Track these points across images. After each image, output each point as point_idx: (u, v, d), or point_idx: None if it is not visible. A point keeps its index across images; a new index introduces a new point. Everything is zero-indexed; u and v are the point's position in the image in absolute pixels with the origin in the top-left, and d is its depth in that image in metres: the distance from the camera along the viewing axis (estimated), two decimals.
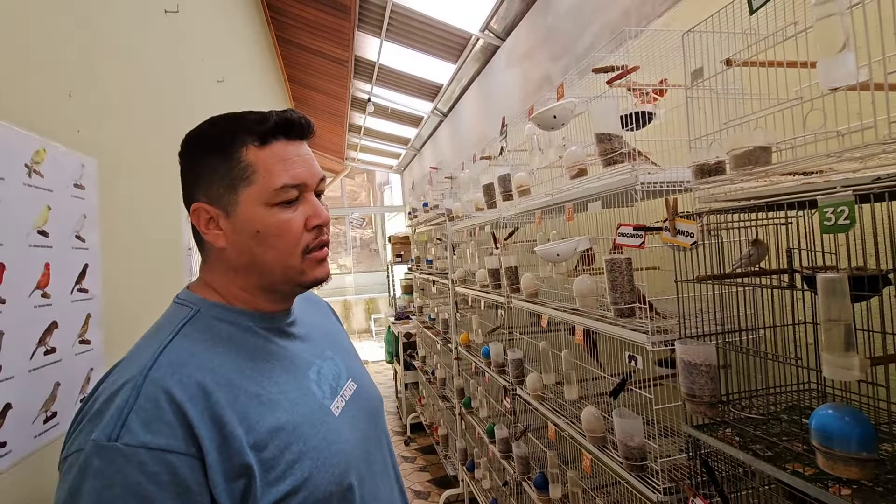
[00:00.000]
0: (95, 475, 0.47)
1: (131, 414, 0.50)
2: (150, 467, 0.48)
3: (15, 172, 0.72)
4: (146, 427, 0.49)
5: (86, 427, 0.50)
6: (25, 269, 0.73)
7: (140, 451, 0.48)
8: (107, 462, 0.47)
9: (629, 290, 1.15)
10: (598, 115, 1.17)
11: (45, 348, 0.77)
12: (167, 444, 0.49)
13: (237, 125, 0.61)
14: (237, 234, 0.61)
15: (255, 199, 0.60)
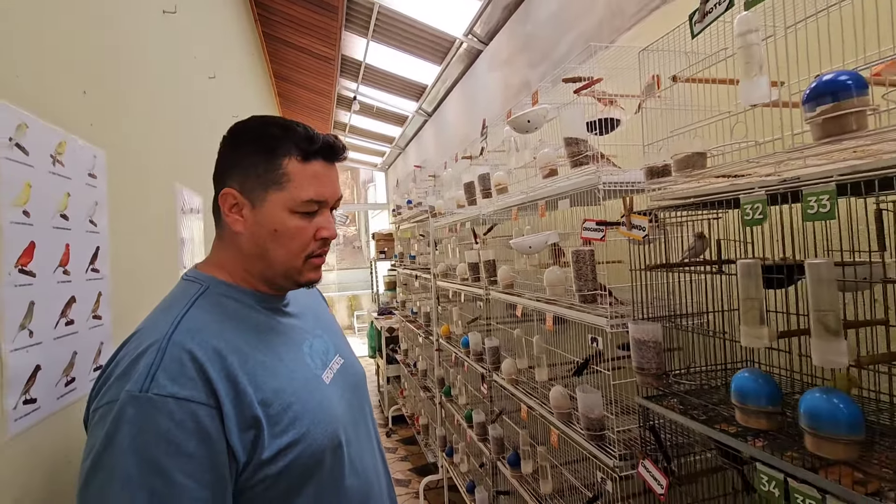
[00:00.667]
0: (130, 421, 0.54)
1: (159, 370, 0.57)
2: (177, 415, 0.55)
3: (43, 161, 0.80)
4: (173, 381, 0.57)
5: (115, 383, 0.58)
6: (51, 248, 0.82)
7: (168, 401, 0.56)
8: (139, 410, 0.55)
9: (592, 279, 1.28)
10: (566, 120, 1.30)
11: (66, 320, 0.85)
12: (191, 395, 0.57)
13: (287, 135, 0.69)
14: (257, 226, 0.70)
15: (281, 203, 0.69)
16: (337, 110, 6.07)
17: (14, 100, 0.74)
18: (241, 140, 0.71)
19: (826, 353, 0.68)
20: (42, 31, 0.84)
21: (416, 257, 3.68)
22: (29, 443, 0.74)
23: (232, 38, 2.97)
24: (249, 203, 0.70)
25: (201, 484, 0.56)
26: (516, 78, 2.95)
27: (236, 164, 0.70)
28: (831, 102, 0.65)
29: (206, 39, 2.22)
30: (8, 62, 0.73)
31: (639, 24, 1.81)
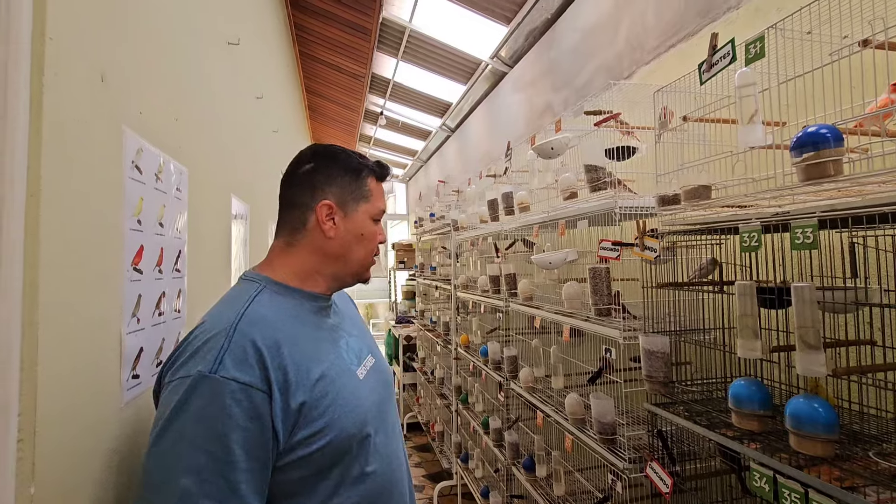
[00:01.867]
0: (199, 395, 0.65)
1: (226, 355, 0.67)
2: (237, 395, 0.66)
3: (150, 179, 0.97)
4: (236, 366, 0.67)
5: (188, 362, 0.68)
6: (152, 251, 0.98)
7: (231, 383, 0.66)
8: (208, 387, 0.65)
9: (607, 295, 1.40)
10: (587, 149, 1.43)
11: (158, 311, 1.02)
12: (250, 381, 0.67)
13: (364, 161, 0.89)
14: (346, 231, 0.85)
15: (366, 212, 0.87)
16: (363, 124, 6.31)
17: (136, 129, 0.91)
18: (330, 166, 0.87)
19: (807, 364, 0.80)
20: (152, 70, 1.01)
21: (436, 268, 3.82)
22: (133, 410, 0.89)
23: (276, 59, 3.20)
24: (343, 213, 0.86)
25: (249, 456, 0.66)
26: (540, 100, 3.10)
27: (331, 181, 0.86)
28: (813, 151, 0.78)
29: (257, 64, 2.43)
30: (134, 99, 0.91)
31: (657, 59, 1.94)
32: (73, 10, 0.70)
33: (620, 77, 2.17)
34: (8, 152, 0.58)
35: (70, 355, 0.69)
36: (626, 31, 2.15)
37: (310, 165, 0.87)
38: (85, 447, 0.73)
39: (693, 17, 1.73)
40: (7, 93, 0.58)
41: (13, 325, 0.58)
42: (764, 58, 0.93)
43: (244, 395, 0.67)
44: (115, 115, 0.83)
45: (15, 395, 0.59)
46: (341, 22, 3.87)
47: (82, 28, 0.73)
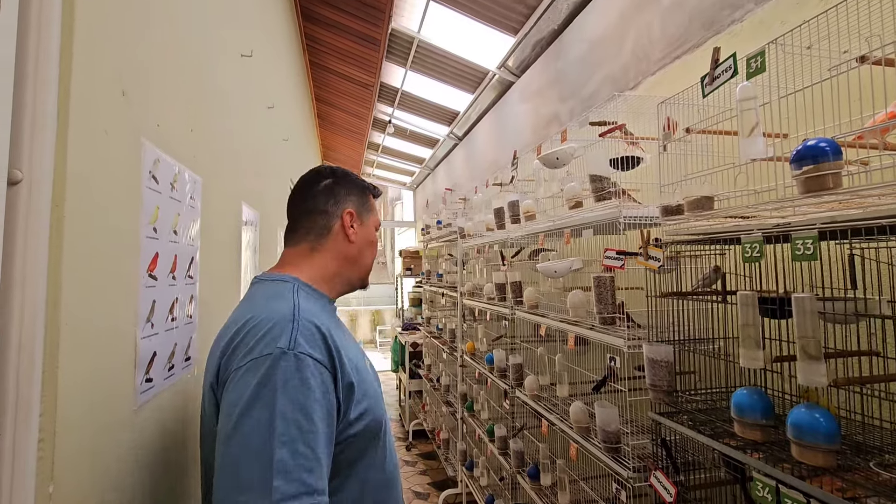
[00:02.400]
0: (283, 369, 0.69)
1: (298, 335, 0.73)
2: (312, 370, 0.71)
3: (166, 188, 1.01)
4: (309, 344, 0.73)
5: (258, 345, 0.71)
6: (167, 258, 1.01)
7: (308, 358, 0.71)
8: (289, 362, 0.70)
9: (612, 303, 1.42)
10: (592, 160, 1.45)
11: (171, 317, 1.05)
12: (321, 359, 0.73)
13: (366, 182, 1.02)
14: (362, 237, 0.97)
15: (372, 223, 1.00)
16: (372, 132, 6.38)
17: (154, 141, 0.94)
18: (347, 182, 0.99)
19: (808, 374, 0.81)
20: (169, 84, 1.05)
21: (443, 275, 3.84)
22: (146, 412, 0.92)
23: (287, 69, 3.26)
24: (360, 221, 0.97)
25: (326, 425, 0.71)
26: (546, 110, 3.13)
27: (348, 197, 0.97)
28: (812, 164, 0.79)
29: (269, 74, 2.48)
30: (152, 112, 0.94)
31: (662, 70, 1.96)
32: (97, 29, 0.74)
33: (626, 87, 2.20)
34: (36, 165, 0.62)
35: (88, 358, 0.72)
36: (631, 42, 2.17)
37: (329, 180, 0.97)
38: (101, 448, 0.76)
39: (697, 29, 1.75)
40: (36, 110, 0.62)
41: (37, 328, 0.61)
42: (764, 72, 0.95)
43: (318, 370, 0.72)
44: (134, 127, 0.86)
45: (37, 397, 0.61)
46: (351, 33, 3.94)
47: (106, 46, 0.76)
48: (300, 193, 0.96)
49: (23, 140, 0.61)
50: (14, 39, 0.60)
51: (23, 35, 0.61)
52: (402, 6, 3.43)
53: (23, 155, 0.61)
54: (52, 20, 0.63)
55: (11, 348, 0.59)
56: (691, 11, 1.78)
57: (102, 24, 0.75)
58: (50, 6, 0.63)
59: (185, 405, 1.14)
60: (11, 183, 0.60)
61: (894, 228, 0.75)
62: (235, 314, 0.83)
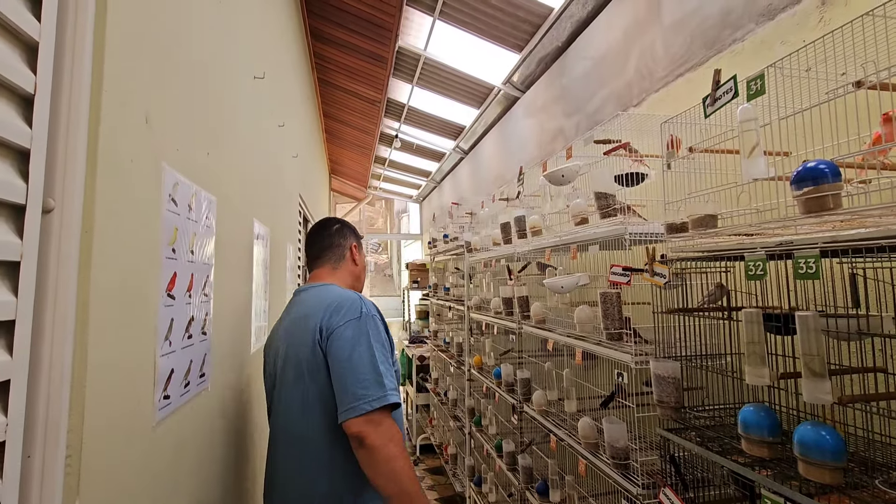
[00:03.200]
0: (369, 322, 1.22)
1: (369, 305, 1.28)
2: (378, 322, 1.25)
3: (184, 210, 1.04)
4: (372, 311, 1.27)
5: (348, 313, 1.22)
6: (184, 277, 1.04)
7: (375, 317, 1.26)
8: (368, 319, 1.23)
9: (618, 319, 1.43)
10: (596, 177, 1.48)
11: (187, 335, 1.07)
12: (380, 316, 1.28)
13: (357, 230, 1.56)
14: (361, 263, 1.52)
15: (363, 254, 1.51)
16: (378, 146, 6.46)
17: (173, 165, 0.98)
18: (348, 227, 1.54)
19: (813, 392, 0.82)
20: (188, 109, 1.10)
21: (450, 289, 3.86)
22: (164, 429, 0.94)
23: (297, 88, 3.34)
24: (359, 252, 1.51)
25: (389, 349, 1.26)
26: (551, 125, 3.17)
27: (351, 236, 1.52)
28: (812, 185, 0.81)
29: (280, 94, 2.55)
30: (171, 137, 0.98)
31: (665, 87, 2.00)
32: (127, 60, 0.78)
33: (630, 104, 2.23)
34: (68, 194, 0.65)
35: (112, 376, 0.75)
36: (635, 60, 2.21)
37: (339, 225, 1.53)
38: (121, 463, 0.78)
39: (699, 48, 1.78)
40: (68, 142, 0.66)
41: (66, 347, 0.64)
42: (764, 94, 0.98)
43: (380, 322, 1.27)
44: (156, 153, 0.90)
45: (65, 414, 0.64)
46: (359, 51, 4.02)
47: (134, 76, 0.81)
48: (318, 234, 1.49)
49: (56, 170, 0.65)
50: (50, 81, 0.64)
51: (58, 71, 0.65)
52: (409, 25, 3.51)
53: (55, 185, 0.64)
54: (85, 61, 0.68)
55: (43, 367, 0.62)
56: (693, 31, 1.82)
57: (132, 54, 0.80)
58: (83, 49, 0.67)
59: (200, 420, 1.17)
60: (45, 211, 0.63)
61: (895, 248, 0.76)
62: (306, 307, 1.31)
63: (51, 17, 0.64)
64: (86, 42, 0.68)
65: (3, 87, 0.57)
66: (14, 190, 0.58)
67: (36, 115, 0.61)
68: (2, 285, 0.57)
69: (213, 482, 1.26)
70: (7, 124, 0.56)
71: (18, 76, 0.58)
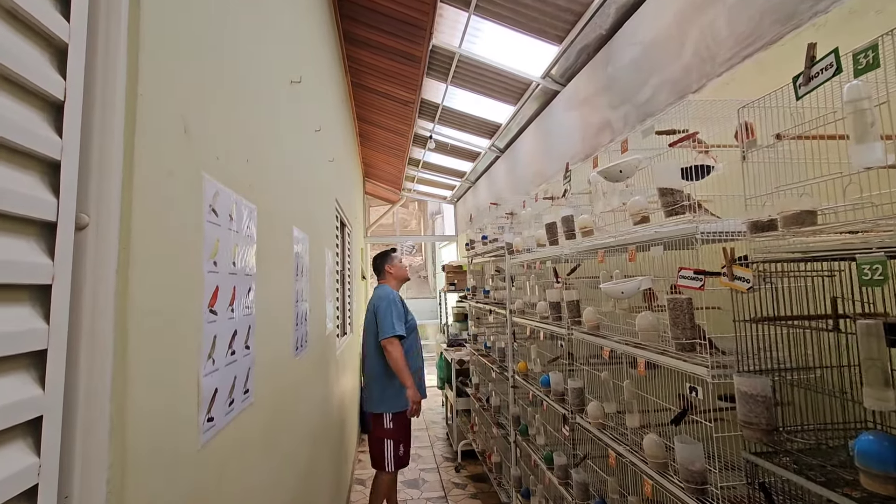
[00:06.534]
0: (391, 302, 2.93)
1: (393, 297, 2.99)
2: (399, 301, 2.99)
3: (225, 220, 0.99)
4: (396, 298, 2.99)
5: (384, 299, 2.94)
6: (227, 291, 0.99)
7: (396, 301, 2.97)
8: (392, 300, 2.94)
9: (690, 328, 1.29)
10: (660, 172, 1.34)
11: (231, 350, 1.02)
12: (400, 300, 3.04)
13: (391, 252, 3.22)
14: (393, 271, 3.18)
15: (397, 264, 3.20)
16: (412, 147, 6.42)
17: (213, 174, 0.93)
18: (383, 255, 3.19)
19: None
20: (227, 117, 1.05)
21: (490, 292, 3.75)
22: (208, 451, 0.89)
23: (332, 92, 3.32)
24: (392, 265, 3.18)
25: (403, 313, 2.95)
26: (595, 118, 3.01)
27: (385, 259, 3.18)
28: None
29: (316, 98, 2.52)
30: (211, 146, 0.93)
31: (730, 70, 1.82)
32: (163, 68, 0.73)
33: (688, 91, 2.06)
34: (103, 210, 0.60)
35: (154, 401, 0.70)
36: (693, 43, 2.04)
37: (378, 258, 3.18)
38: (165, 494, 0.73)
39: (771, 24, 1.61)
40: (102, 155, 0.60)
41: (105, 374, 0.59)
42: (878, 68, 0.83)
43: (399, 303, 2.97)
44: (195, 163, 0.85)
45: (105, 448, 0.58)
46: (392, 52, 3.98)
47: (171, 85, 0.75)
48: (374, 264, 3.20)
49: (89, 183, 0.59)
50: (81, 86, 0.58)
51: (90, 75, 0.60)
52: (443, 23, 3.42)
53: (89, 199, 0.59)
54: (118, 63, 0.62)
55: (79, 400, 0.57)
56: (762, 6, 1.65)
57: (168, 56, 0.74)
58: (116, 50, 0.62)
59: (244, 437, 1.12)
60: (78, 228, 0.58)
61: None
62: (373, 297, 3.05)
63: (81, 16, 0.59)
64: (119, 43, 0.63)
65: (30, 93, 0.52)
66: (43, 206, 0.52)
67: (66, 123, 0.55)
68: (32, 311, 0.51)
69: (256, 497, 1.21)
70: (34, 134, 0.51)
71: (46, 81, 0.53)
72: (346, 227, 4.53)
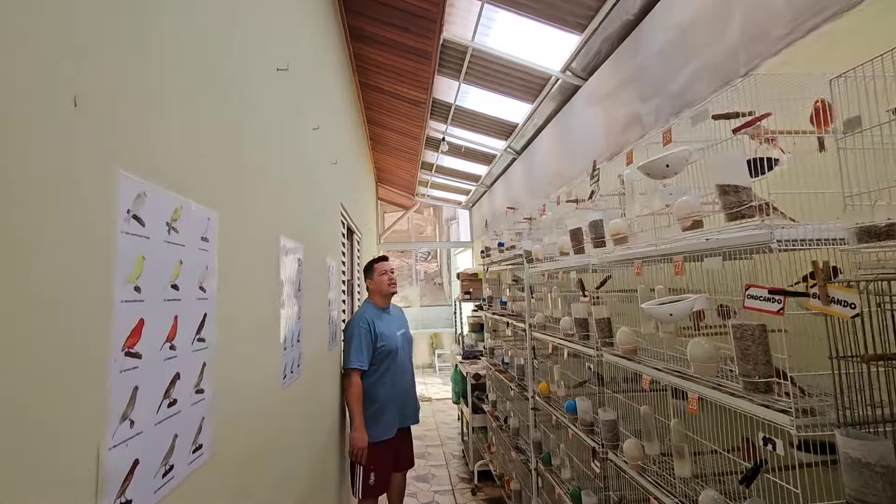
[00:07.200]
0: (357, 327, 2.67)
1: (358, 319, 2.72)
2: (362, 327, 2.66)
3: (158, 231, 0.76)
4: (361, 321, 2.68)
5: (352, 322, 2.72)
6: (160, 323, 0.76)
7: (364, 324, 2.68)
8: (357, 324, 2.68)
9: (764, 363, 1.01)
10: (720, 166, 1.07)
11: (169, 400, 0.79)
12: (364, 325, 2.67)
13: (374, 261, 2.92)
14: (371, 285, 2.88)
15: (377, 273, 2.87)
16: (425, 151, 6.20)
17: (136, 170, 0.70)
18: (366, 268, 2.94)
19: None
20: (164, 94, 0.81)
21: (507, 303, 3.48)
22: None
23: (339, 92, 3.11)
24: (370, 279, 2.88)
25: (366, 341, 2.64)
26: (622, 112, 2.73)
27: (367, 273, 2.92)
28: None
29: (313, 93, 2.30)
30: (127, 131, 0.70)
31: (789, 47, 1.54)
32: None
33: (735, 75, 1.78)
34: None
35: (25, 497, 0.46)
36: (739, 20, 1.76)
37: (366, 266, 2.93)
38: None
39: None
40: None
41: None
42: None
43: (371, 326, 2.68)
44: (100, 153, 0.62)
45: None
46: (401, 48, 3.76)
47: (39, 31, 0.52)
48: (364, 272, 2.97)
49: None
50: None
51: None
52: (454, 13, 3.19)
53: None
54: None
55: None
56: None
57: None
58: None
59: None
60: None
61: None
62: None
63: None
64: None
65: None
66: None
67: None
68: None
69: None
70: None
71: None
72: (354, 233, 4.32)
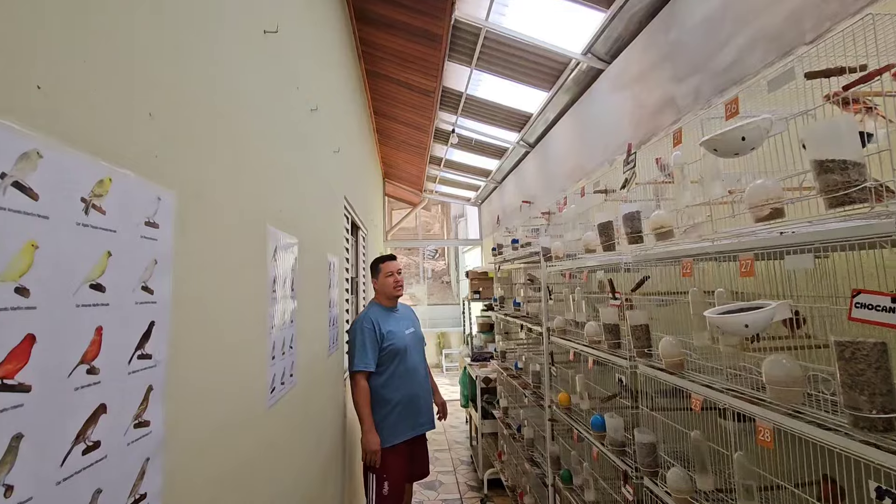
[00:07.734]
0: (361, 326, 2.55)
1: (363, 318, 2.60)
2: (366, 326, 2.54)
3: (66, 209, 0.54)
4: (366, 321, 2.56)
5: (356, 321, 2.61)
6: (67, 338, 0.54)
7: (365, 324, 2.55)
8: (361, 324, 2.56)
9: (884, 393, 0.77)
10: (824, 135, 0.83)
11: (85, 445, 0.56)
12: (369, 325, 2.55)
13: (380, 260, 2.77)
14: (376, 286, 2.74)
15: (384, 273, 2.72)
16: (434, 144, 5.96)
17: (18, 114, 0.47)
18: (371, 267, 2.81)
19: None
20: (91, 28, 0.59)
21: (521, 304, 3.24)
22: None
23: (342, 76, 2.89)
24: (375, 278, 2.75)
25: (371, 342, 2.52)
26: (653, 96, 2.48)
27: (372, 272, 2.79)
28: None
29: (310, 71, 2.07)
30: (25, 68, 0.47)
31: (875, 3, 1.29)
32: None
33: (799, 44, 1.52)
34: None
35: None
36: None
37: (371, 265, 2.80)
38: None
39: None
40: None
41: None
42: None
43: (377, 326, 2.55)
44: None
45: None
46: (410, 31, 3.53)
47: None
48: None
49: None
50: None
51: None
52: None
53: None
54: None
55: None
56: None
57: None
58: None
59: None
60: None
61: None
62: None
63: None
64: None
65: None
66: None
67: None
68: None
69: None
70: None
71: None
72: (359, 229, 4.10)
